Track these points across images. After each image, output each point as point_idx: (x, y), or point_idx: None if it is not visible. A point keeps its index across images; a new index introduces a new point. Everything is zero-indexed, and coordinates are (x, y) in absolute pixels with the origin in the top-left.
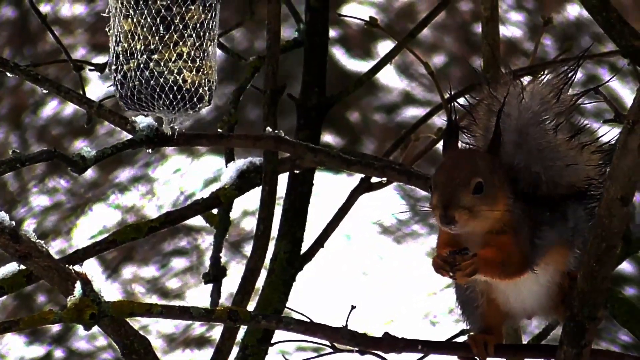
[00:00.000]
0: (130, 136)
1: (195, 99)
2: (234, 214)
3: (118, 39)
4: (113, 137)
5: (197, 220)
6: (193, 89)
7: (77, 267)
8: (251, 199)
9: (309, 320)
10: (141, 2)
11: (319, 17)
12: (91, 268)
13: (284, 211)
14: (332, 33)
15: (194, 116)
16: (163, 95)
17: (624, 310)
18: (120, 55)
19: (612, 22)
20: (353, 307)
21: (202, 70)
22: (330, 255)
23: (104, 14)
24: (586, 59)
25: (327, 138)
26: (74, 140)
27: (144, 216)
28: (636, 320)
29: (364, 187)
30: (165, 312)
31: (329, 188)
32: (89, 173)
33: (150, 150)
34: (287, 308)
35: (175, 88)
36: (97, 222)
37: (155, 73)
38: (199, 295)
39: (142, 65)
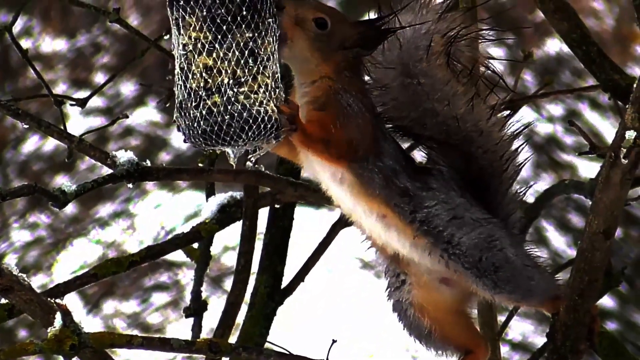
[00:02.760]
0: (110, 171)
1: (280, 128)
2: (214, 249)
3: (191, 76)
4: (94, 172)
5: (178, 255)
6: (277, 118)
7: (58, 300)
8: (232, 234)
9: (288, 353)
10: (229, 36)
11: None
12: (72, 303)
13: (264, 245)
14: None
15: (174, 150)
16: (254, 127)
17: (605, 344)
18: (201, 91)
19: (592, 56)
20: (334, 342)
21: (277, 98)
22: (311, 290)
23: (86, 50)
24: (563, 92)
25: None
26: (54, 175)
27: (125, 251)
28: (617, 354)
29: (345, 221)
30: (145, 344)
31: (310, 222)
32: (70, 208)
33: (131, 185)
34: (268, 342)
35: (266, 118)
36: (78, 257)
37: (248, 105)
38: (180, 330)
39: (232, 99)
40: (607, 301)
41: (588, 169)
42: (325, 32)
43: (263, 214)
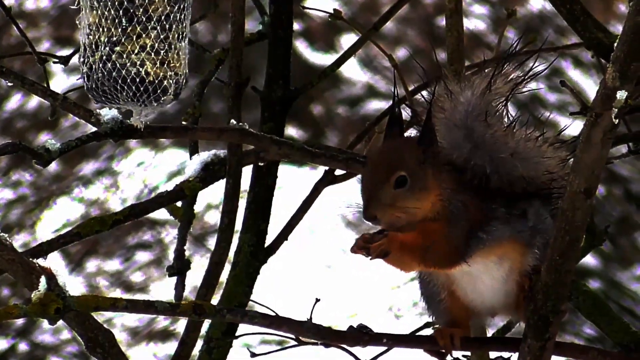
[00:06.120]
0: (94, 129)
1: (159, 92)
2: (198, 207)
3: (85, 32)
4: (77, 130)
5: (161, 214)
6: (157, 81)
7: (41, 261)
8: (215, 193)
9: (273, 314)
10: None
11: (283, 10)
12: (55, 261)
13: (248, 204)
14: (296, 26)
15: (158, 109)
16: (126, 87)
17: (589, 303)
18: (87, 48)
19: (575, 15)
20: (317, 300)
21: (166, 62)
22: (294, 248)
23: (70, 7)
24: (535, 52)
25: (291, 131)
26: (38, 133)
27: (108, 209)
28: (600, 313)
29: (328, 179)
30: (130, 307)
31: (293, 181)
32: (53, 166)
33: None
34: (252, 301)
35: (137, 80)
36: (61, 215)
37: (118, 65)
38: (163, 289)
39: (104, 57)
40: (590, 260)
41: (571, 127)
42: (413, 183)
43: (247, 172)
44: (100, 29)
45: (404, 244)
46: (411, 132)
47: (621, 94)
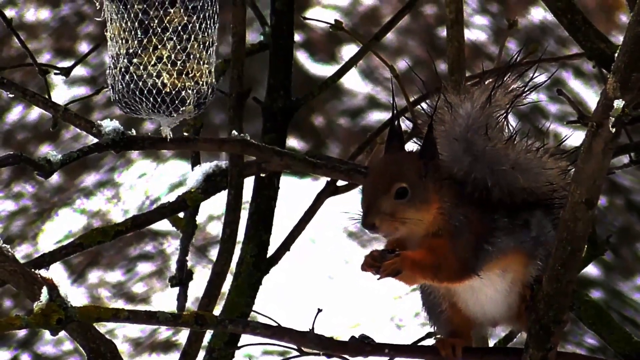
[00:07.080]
0: (96, 140)
1: (177, 102)
2: (200, 218)
3: (109, 44)
4: (79, 141)
5: (163, 225)
6: (174, 92)
7: (43, 272)
8: (217, 203)
9: (276, 325)
10: (121, 6)
11: (284, 21)
12: (57, 273)
13: (250, 215)
14: (297, 37)
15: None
16: (144, 99)
17: (591, 313)
18: (111, 60)
19: (577, 25)
20: (319, 311)
21: (184, 73)
22: (296, 259)
23: (68, 19)
24: (531, 65)
25: (293, 142)
26: (39, 145)
27: (110, 221)
28: (602, 323)
29: (330, 190)
30: (131, 317)
31: (295, 192)
32: (55, 178)
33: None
34: (254, 311)
35: (154, 91)
36: (63, 226)
37: (135, 77)
38: (165, 300)
39: (123, 69)
40: (592, 270)
41: (572, 137)
42: (414, 195)
43: (249, 183)
44: (120, 41)
45: (416, 263)
46: (411, 145)
47: (618, 103)
